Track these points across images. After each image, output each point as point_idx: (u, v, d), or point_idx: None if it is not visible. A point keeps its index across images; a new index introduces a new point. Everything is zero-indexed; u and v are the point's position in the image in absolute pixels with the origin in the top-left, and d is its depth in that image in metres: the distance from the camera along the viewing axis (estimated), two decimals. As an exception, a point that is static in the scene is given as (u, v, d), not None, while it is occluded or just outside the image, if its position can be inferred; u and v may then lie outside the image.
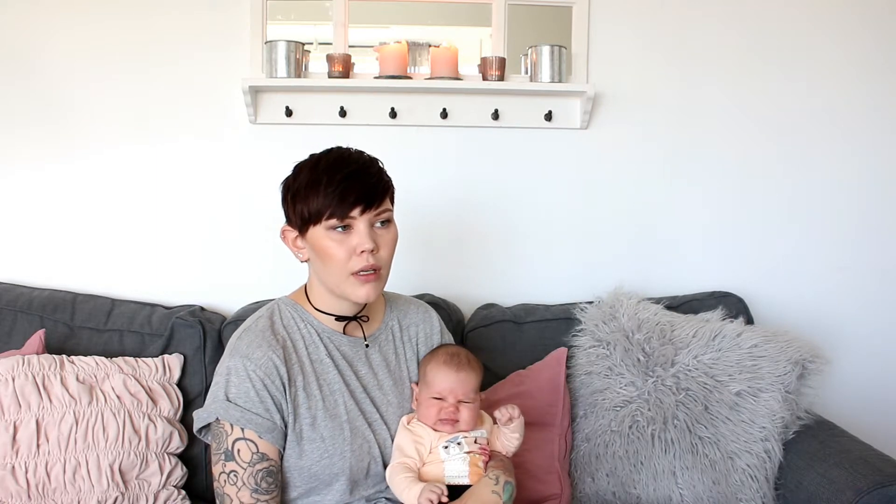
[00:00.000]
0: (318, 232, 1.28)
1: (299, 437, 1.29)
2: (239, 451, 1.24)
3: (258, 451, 1.25)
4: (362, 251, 1.26)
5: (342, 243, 1.27)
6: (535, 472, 1.65)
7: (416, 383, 1.42)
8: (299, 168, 1.32)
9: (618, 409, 1.75)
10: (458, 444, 1.33)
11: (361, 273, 1.27)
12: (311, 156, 1.33)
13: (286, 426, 1.28)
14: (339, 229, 1.27)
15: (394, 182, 1.34)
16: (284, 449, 1.29)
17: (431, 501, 1.23)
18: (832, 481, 1.54)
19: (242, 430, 1.24)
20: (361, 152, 1.33)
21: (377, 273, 1.29)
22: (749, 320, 1.93)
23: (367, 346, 1.40)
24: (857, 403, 2.14)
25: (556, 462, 1.70)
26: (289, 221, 1.34)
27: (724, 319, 1.84)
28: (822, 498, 1.54)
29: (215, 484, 1.27)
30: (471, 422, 1.36)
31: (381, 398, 1.38)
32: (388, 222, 1.32)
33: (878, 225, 2.18)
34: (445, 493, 1.25)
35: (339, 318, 1.37)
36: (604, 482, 1.73)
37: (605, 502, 1.72)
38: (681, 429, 1.71)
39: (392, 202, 1.35)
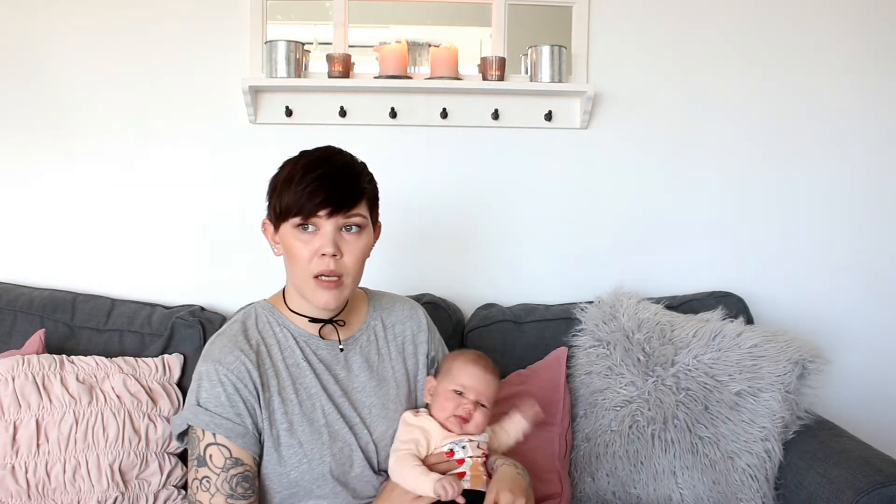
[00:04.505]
0: (286, 229, 1.27)
1: (277, 442, 1.27)
2: (211, 456, 1.22)
3: (231, 457, 1.23)
4: (323, 254, 1.24)
5: (307, 244, 1.25)
6: (536, 472, 1.64)
7: (434, 376, 1.41)
8: (285, 163, 1.32)
9: (618, 408, 1.75)
10: (463, 447, 1.32)
11: (322, 278, 1.25)
12: (301, 152, 1.32)
13: (260, 432, 1.26)
14: (305, 228, 1.26)
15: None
16: (261, 455, 1.27)
17: (446, 490, 1.21)
18: (832, 481, 1.53)
19: (214, 435, 1.23)
20: (348, 155, 1.32)
21: (339, 281, 1.27)
22: (749, 320, 1.93)
23: (341, 349, 1.37)
24: (857, 403, 2.15)
25: (556, 461, 1.70)
26: (268, 215, 1.33)
27: (724, 319, 1.83)
28: (822, 498, 1.54)
29: (188, 492, 1.25)
30: (481, 427, 1.35)
31: (362, 401, 1.36)
32: (359, 229, 1.28)
33: (878, 225, 2.18)
34: (459, 491, 1.23)
35: (312, 321, 1.35)
36: (604, 482, 1.73)
37: (605, 502, 1.72)
38: (681, 429, 1.71)
39: (371, 209, 1.32)
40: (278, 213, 1.28)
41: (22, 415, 1.54)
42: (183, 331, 1.81)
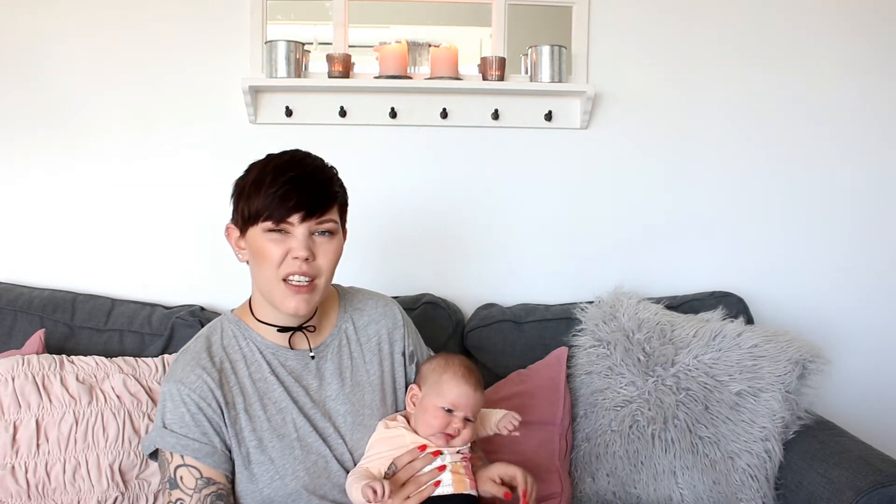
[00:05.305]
0: (255, 233, 1.23)
1: (247, 460, 1.24)
2: (182, 478, 1.20)
3: (202, 477, 1.20)
4: (295, 257, 1.21)
5: (278, 245, 1.22)
6: (536, 471, 1.64)
7: (417, 385, 1.36)
8: (252, 166, 1.29)
9: (618, 408, 1.75)
10: (442, 453, 1.29)
11: (293, 282, 1.22)
12: (268, 155, 1.30)
13: (230, 449, 1.24)
14: (276, 232, 1.22)
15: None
16: (234, 472, 1.25)
17: (371, 493, 1.17)
18: (832, 481, 1.53)
19: (182, 456, 1.20)
20: (317, 158, 1.29)
21: (311, 285, 1.23)
22: (749, 320, 1.93)
23: (312, 357, 1.33)
24: (857, 403, 2.14)
25: (556, 461, 1.70)
26: (233, 219, 1.29)
27: (724, 319, 1.83)
28: (822, 498, 1.54)
29: None
30: (467, 441, 1.32)
31: (336, 409, 1.31)
32: (331, 233, 1.25)
33: (878, 224, 2.18)
34: (387, 490, 1.18)
35: (281, 330, 1.30)
36: (604, 482, 1.73)
37: (606, 502, 1.72)
38: (681, 429, 1.71)
39: (342, 215, 1.30)
40: (246, 217, 1.23)
41: (22, 415, 1.54)
42: (183, 331, 1.81)
